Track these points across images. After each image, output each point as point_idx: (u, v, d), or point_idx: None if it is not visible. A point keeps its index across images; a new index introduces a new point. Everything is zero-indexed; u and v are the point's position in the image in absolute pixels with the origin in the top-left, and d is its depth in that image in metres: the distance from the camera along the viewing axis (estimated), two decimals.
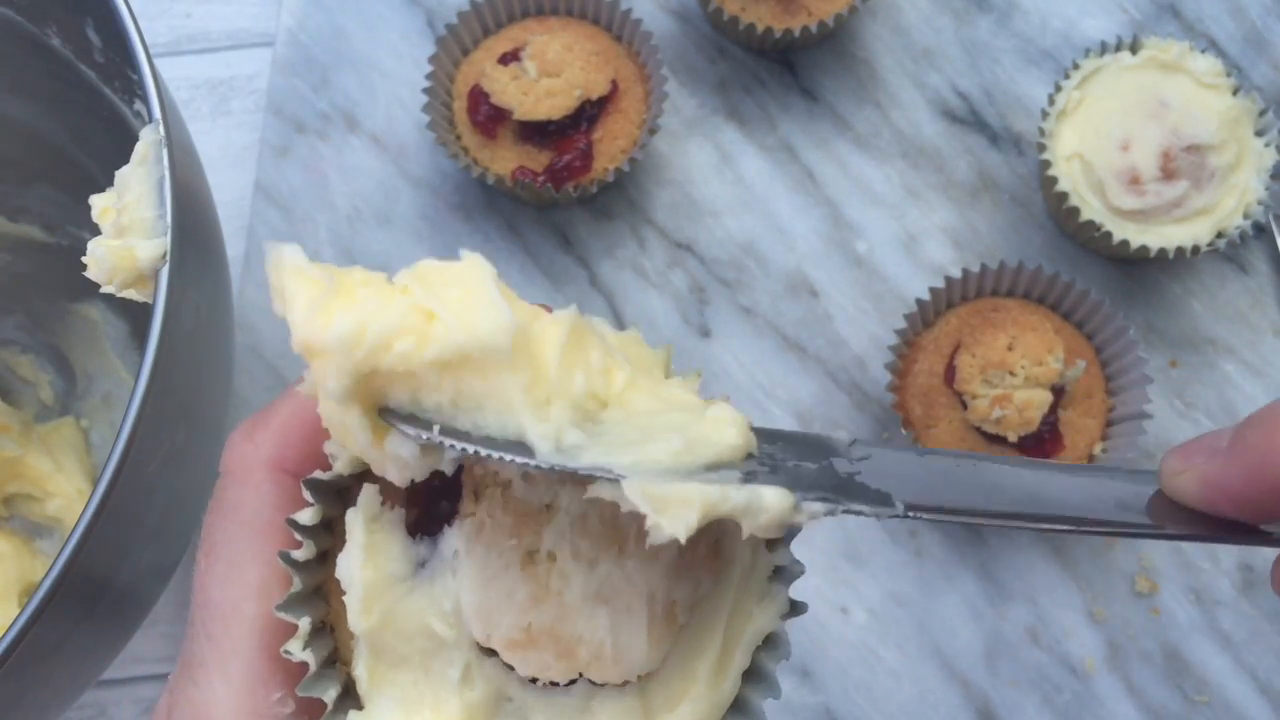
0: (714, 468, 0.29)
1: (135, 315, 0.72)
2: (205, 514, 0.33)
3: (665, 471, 0.28)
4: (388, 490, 0.32)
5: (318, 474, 0.32)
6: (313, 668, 0.31)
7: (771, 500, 0.28)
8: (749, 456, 0.30)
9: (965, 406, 0.65)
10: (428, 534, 0.32)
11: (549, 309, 0.32)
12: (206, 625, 0.31)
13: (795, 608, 0.34)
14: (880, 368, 0.72)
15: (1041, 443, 0.65)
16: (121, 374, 0.73)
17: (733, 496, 0.27)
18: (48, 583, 0.40)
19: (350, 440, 0.29)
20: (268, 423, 0.33)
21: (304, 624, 0.31)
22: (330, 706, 0.31)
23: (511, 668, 0.31)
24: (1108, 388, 0.68)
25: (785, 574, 0.34)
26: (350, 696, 0.32)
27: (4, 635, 0.40)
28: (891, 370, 0.68)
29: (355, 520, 0.31)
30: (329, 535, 0.33)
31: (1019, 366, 0.63)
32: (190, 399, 0.50)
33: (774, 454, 0.31)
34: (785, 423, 0.72)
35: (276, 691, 0.30)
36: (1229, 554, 0.69)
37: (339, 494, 0.33)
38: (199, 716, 0.30)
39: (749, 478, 0.29)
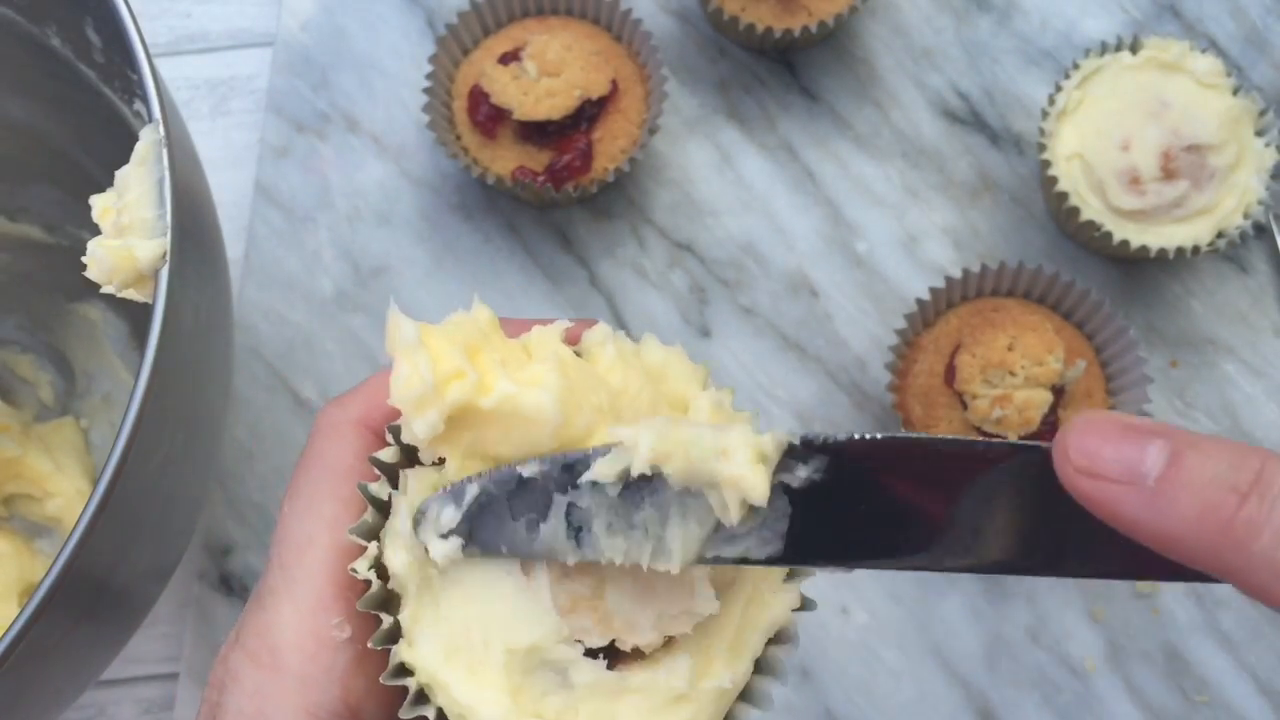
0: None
1: (135, 315, 0.72)
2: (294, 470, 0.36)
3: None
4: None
5: (399, 422, 0.34)
6: (374, 587, 0.33)
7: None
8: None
9: (965, 406, 0.65)
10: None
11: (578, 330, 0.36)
12: (281, 557, 0.33)
13: (805, 603, 0.36)
14: (880, 368, 0.72)
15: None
16: (121, 374, 0.73)
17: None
18: (47, 583, 0.40)
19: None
20: (356, 392, 0.36)
21: (372, 547, 0.33)
22: (382, 626, 0.33)
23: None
24: (1108, 388, 0.68)
25: (798, 573, 0.36)
26: (400, 636, 0.34)
27: (4, 635, 0.40)
28: (891, 370, 0.68)
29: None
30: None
31: (1019, 366, 0.63)
32: (190, 399, 0.50)
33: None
34: (785, 423, 0.72)
35: (336, 616, 0.32)
36: None
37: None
38: (263, 636, 0.32)
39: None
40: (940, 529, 0.30)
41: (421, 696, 0.33)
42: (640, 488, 0.31)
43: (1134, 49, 0.71)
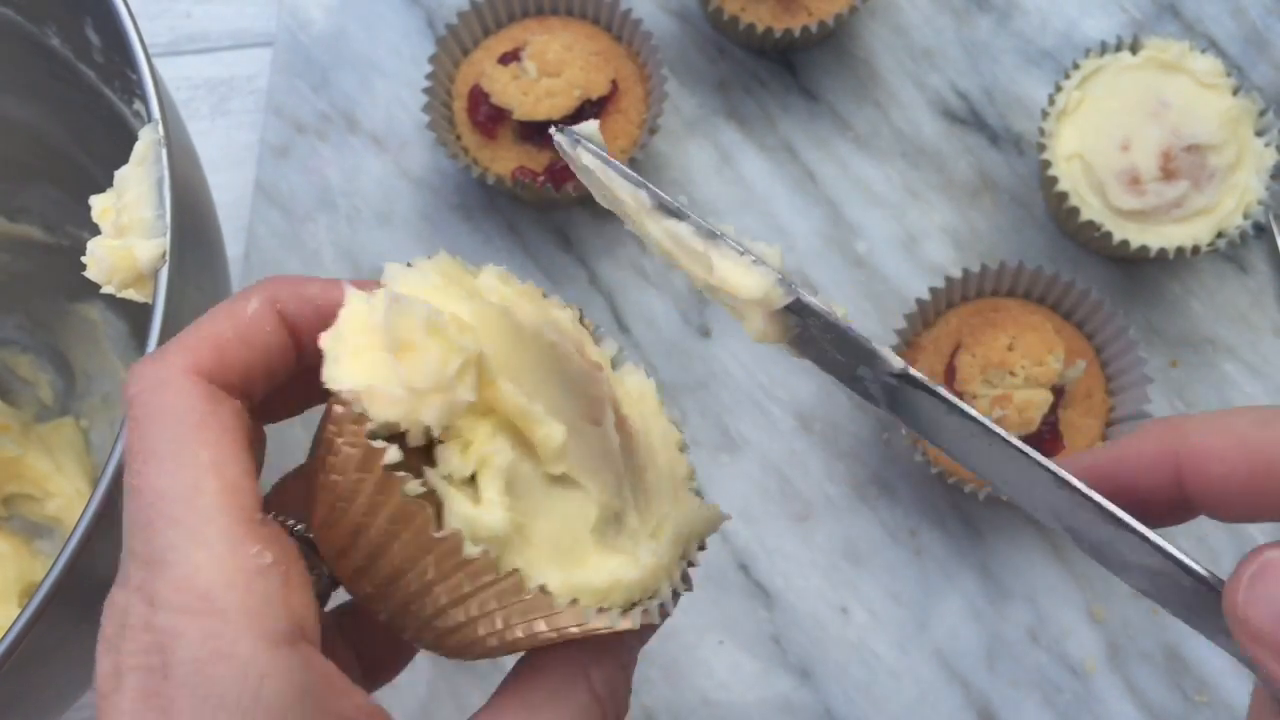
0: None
1: (135, 315, 0.72)
2: (124, 443, 0.34)
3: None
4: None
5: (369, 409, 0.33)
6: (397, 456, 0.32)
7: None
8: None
9: None
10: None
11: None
12: (165, 514, 0.32)
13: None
14: None
15: (1041, 443, 0.65)
16: (121, 374, 0.73)
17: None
18: (48, 583, 0.40)
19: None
20: (172, 346, 0.34)
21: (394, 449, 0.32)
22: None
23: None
24: (1108, 388, 0.68)
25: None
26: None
27: (4, 636, 0.40)
28: None
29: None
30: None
31: (1019, 366, 0.63)
32: None
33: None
34: (785, 423, 0.72)
35: (254, 546, 0.32)
36: (1228, 553, 0.69)
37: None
38: (186, 588, 0.31)
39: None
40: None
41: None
42: None
43: (1134, 49, 0.71)
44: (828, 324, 0.32)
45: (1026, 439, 0.64)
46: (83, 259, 0.46)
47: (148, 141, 0.46)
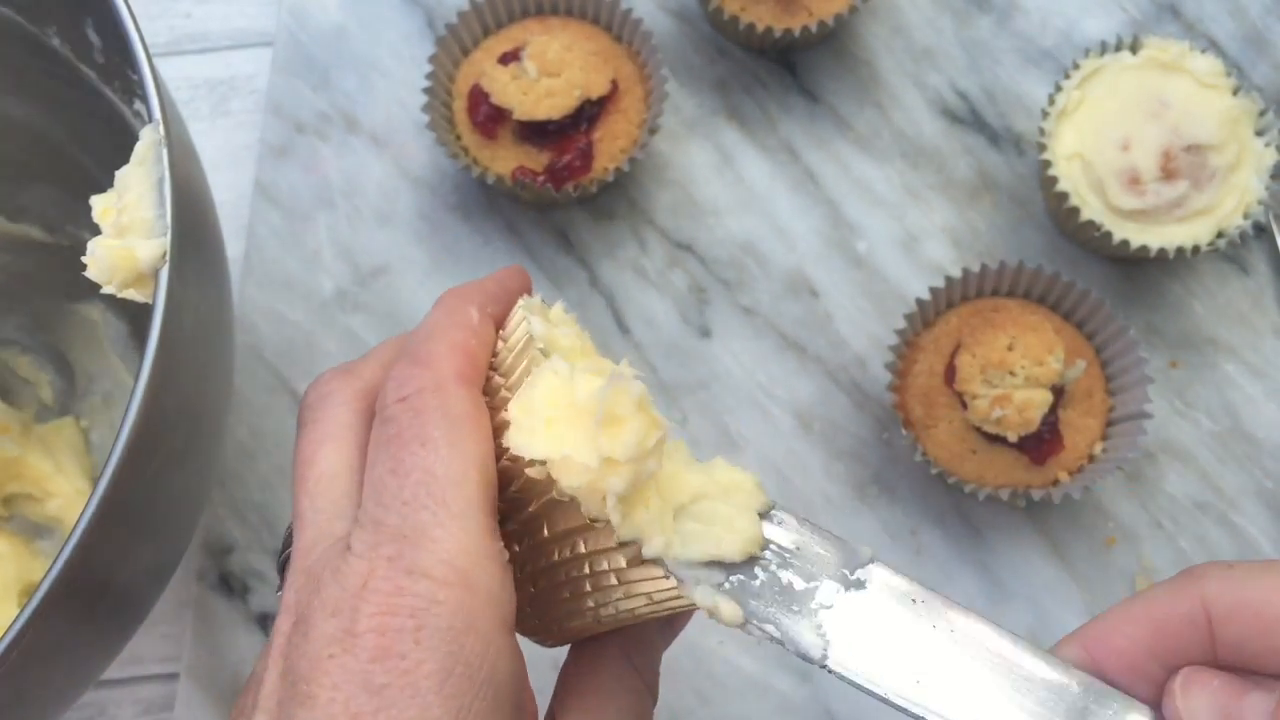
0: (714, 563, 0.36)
1: (135, 315, 0.72)
2: (390, 440, 0.37)
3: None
4: None
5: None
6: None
7: (726, 613, 0.35)
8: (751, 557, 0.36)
9: (965, 406, 0.65)
10: None
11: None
12: (435, 493, 0.35)
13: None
14: (880, 368, 0.72)
15: (1041, 443, 0.65)
16: (121, 374, 0.73)
17: (696, 596, 0.35)
18: (47, 583, 0.40)
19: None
20: (428, 357, 0.38)
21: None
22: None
23: None
24: (1108, 388, 0.68)
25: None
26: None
27: (3, 635, 0.40)
28: (891, 370, 0.68)
29: None
30: None
31: (1019, 366, 0.63)
32: (190, 399, 0.50)
33: (778, 556, 0.36)
34: (784, 423, 0.72)
35: (499, 541, 0.35)
36: (1228, 555, 0.69)
37: None
38: (449, 563, 0.34)
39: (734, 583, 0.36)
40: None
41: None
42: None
43: (1134, 49, 0.71)
44: (801, 522, 0.36)
45: (1026, 439, 0.64)
46: (83, 259, 0.46)
47: (148, 141, 0.46)
